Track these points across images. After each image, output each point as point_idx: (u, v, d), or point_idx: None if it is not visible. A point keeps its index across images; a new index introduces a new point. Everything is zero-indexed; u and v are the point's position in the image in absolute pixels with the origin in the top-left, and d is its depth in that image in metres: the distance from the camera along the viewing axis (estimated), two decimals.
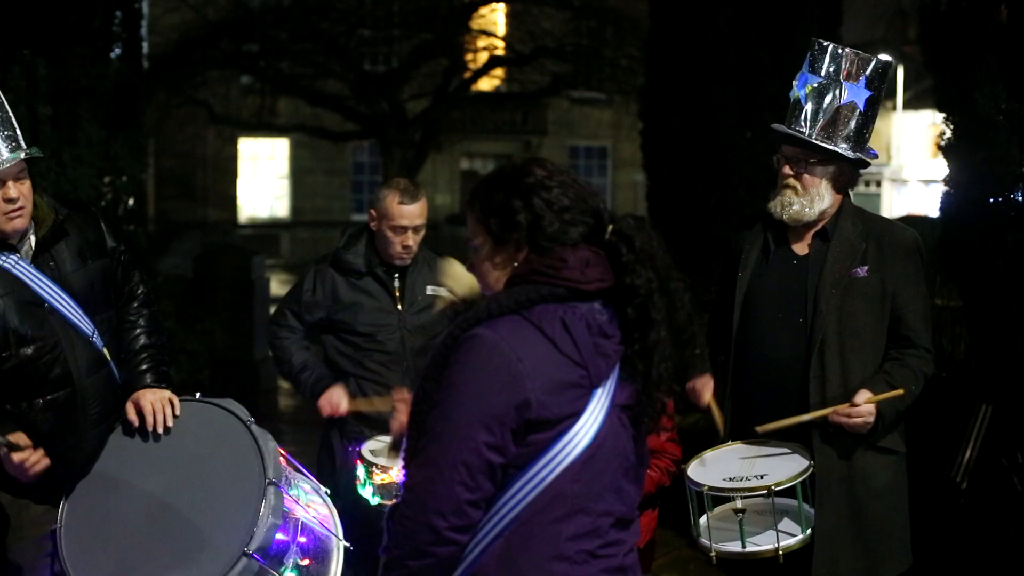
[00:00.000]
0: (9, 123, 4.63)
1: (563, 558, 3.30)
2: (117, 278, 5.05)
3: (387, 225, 6.09)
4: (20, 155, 4.61)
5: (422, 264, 6.27)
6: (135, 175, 12.63)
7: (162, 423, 4.80)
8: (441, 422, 3.23)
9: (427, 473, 3.22)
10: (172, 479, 4.67)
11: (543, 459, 3.26)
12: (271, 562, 4.35)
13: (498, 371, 3.21)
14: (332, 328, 6.22)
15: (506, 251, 3.41)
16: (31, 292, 4.73)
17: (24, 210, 4.68)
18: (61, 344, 4.75)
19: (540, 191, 3.37)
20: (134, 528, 4.61)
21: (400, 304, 6.19)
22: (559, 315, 3.28)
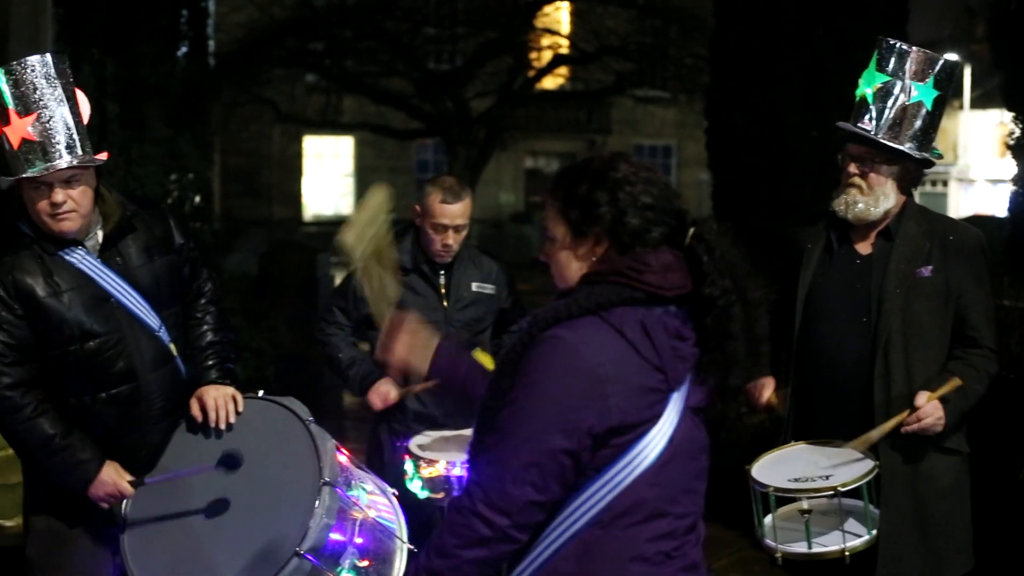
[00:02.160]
0: (68, 127, 4.63)
1: (642, 559, 3.28)
2: (185, 274, 5.08)
3: (429, 223, 6.10)
4: (71, 161, 4.62)
5: (467, 261, 6.28)
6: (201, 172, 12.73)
7: (224, 419, 4.82)
8: (517, 422, 3.20)
9: (497, 471, 3.20)
10: (232, 476, 4.69)
11: (620, 462, 3.23)
12: (325, 562, 4.34)
13: (579, 376, 3.18)
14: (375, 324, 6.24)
15: (585, 244, 3.37)
16: (97, 287, 4.76)
17: (73, 214, 4.69)
18: (126, 339, 4.78)
19: (625, 186, 3.33)
20: (192, 524, 4.63)
21: (445, 301, 6.20)
22: (638, 318, 3.26)
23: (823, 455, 5.19)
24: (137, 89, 12.33)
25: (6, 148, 4.61)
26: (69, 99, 4.66)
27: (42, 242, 4.73)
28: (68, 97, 4.65)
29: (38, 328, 4.69)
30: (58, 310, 4.69)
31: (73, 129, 4.65)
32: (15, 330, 4.66)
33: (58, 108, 4.62)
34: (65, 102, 4.64)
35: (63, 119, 4.62)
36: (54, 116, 4.60)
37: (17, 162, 4.59)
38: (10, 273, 4.67)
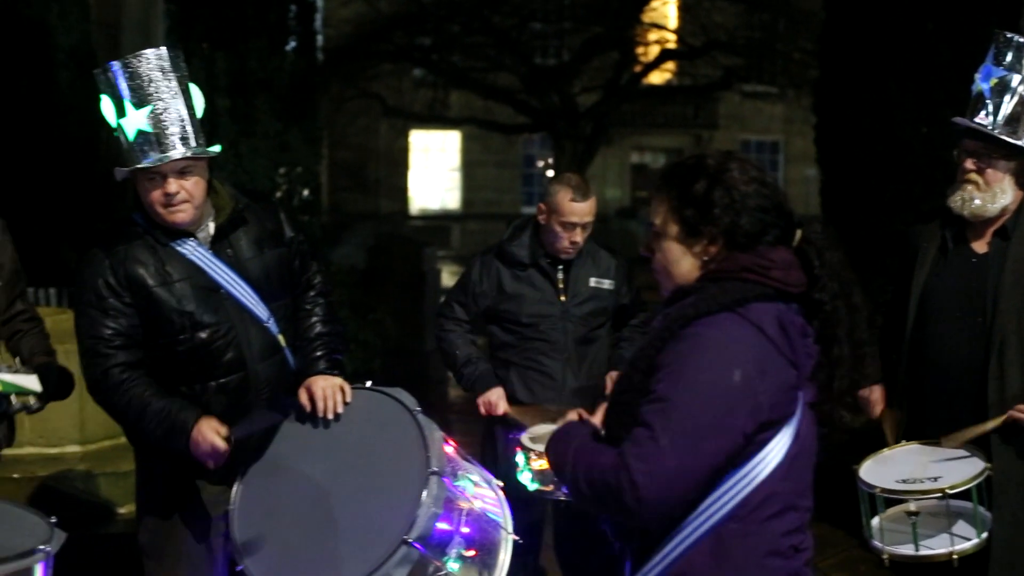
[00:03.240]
0: (182, 119, 4.69)
1: (778, 553, 3.28)
2: (295, 267, 5.12)
3: (556, 221, 6.11)
4: (184, 152, 4.68)
5: (586, 256, 6.29)
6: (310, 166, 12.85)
7: (332, 409, 4.84)
8: (671, 420, 3.18)
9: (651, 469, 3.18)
10: (339, 465, 4.72)
11: (756, 457, 3.22)
12: (432, 551, 4.35)
13: (730, 373, 3.16)
14: (496, 318, 6.29)
15: (699, 243, 3.36)
16: (208, 277, 4.81)
17: (186, 205, 4.74)
18: (236, 329, 4.83)
19: (740, 187, 3.31)
20: (301, 512, 4.67)
21: (563, 296, 6.22)
22: (774, 314, 3.24)
23: (932, 456, 5.12)
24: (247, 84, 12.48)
25: (123, 140, 4.67)
26: (184, 92, 4.71)
27: (155, 233, 4.80)
28: (183, 90, 4.71)
29: (149, 317, 4.75)
30: (169, 300, 4.75)
31: (187, 121, 4.70)
32: (123, 318, 4.73)
33: (173, 101, 4.68)
34: (180, 95, 4.70)
35: (177, 111, 4.68)
36: (168, 108, 4.66)
37: (132, 153, 4.65)
38: (123, 263, 4.74)
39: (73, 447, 9.17)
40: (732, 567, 3.26)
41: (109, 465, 9.00)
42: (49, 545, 3.87)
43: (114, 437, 8.48)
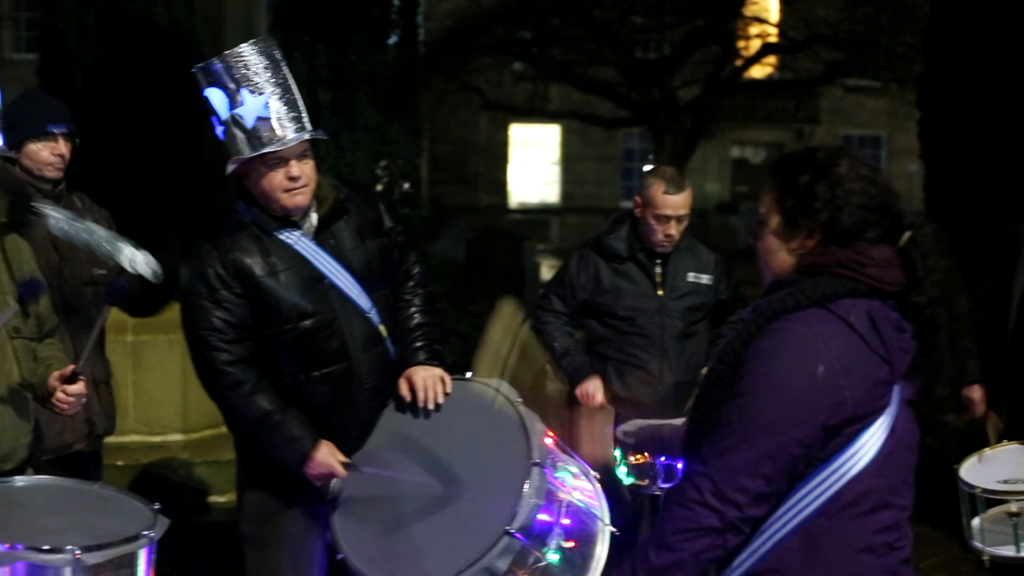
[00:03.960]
0: (295, 105, 4.76)
1: (870, 551, 3.25)
2: (394, 258, 5.15)
3: (651, 213, 6.12)
4: (304, 135, 4.74)
5: (684, 251, 6.29)
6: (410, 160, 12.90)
7: (433, 400, 4.87)
8: (750, 414, 3.18)
9: (729, 463, 3.18)
10: (440, 455, 4.73)
11: (847, 452, 3.20)
12: (533, 542, 4.35)
13: (813, 369, 3.15)
14: (594, 312, 6.30)
15: (797, 237, 3.34)
16: (312, 267, 4.85)
17: (306, 188, 4.81)
18: (339, 319, 4.86)
19: (846, 183, 3.28)
20: (401, 502, 4.69)
21: (660, 290, 6.21)
22: (865, 310, 3.22)
23: None
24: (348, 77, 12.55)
25: (236, 131, 4.73)
26: (290, 79, 4.78)
27: (259, 223, 4.85)
28: (289, 76, 4.78)
29: (256, 307, 4.79)
30: (275, 290, 4.79)
31: (301, 105, 4.77)
32: (235, 308, 4.78)
33: (286, 86, 4.75)
34: (290, 80, 4.77)
35: (292, 96, 4.75)
36: (284, 94, 4.73)
37: (252, 140, 4.70)
38: (229, 253, 4.79)
39: (176, 436, 9.29)
40: (822, 563, 3.24)
41: (211, 454, 9.11)
42: (153, 531, 3.92)
43: (216, 426, 8.57)
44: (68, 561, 3.67)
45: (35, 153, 5.52)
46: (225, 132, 4.75)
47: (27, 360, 4.57)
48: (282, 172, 4.74)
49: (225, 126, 4.73)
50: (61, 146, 5.62)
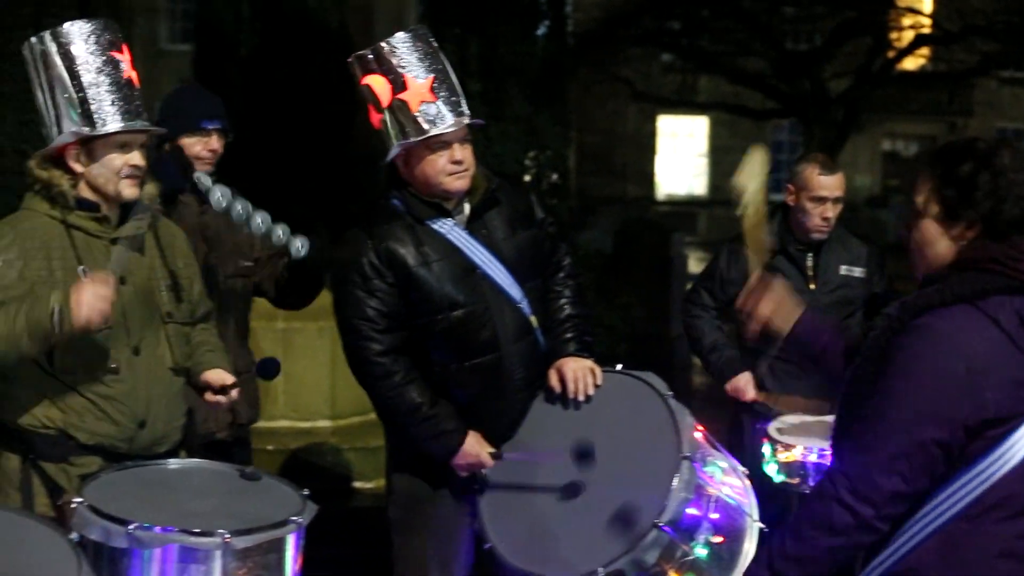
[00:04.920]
0: (454, 90, 4.78)
1: (1011, 555, 3.19)
2: (545, 249, 5.13)
3: (806, 197, 6.06)
4: (465, 120, 4.75)
5: (836, 243, 6.21)
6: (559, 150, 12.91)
7: (583, 391, 4.85)
8: (888, 412, 3.13)
9: (865, 460, 3.14)
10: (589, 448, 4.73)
11: (992, 455, 3.14)
12: (682, 536, 4.33)
13: (954, 367, 3.09)
14: None
15: (957, 227, 3.27)
16: (464, 257, 4.86)
17: (468, 172, 4.83)
18: (491, 309, 4.86)
19: (1008, 174, 3.22)
20: (549, 492, 4.69)
21: (812, 283, 6.14)
22: (1016, 308, 3.14)
23: None
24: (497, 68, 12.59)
25: (399, 118, 4.74)
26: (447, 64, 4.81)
27: (413, 212, 4.86)
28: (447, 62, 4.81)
29: (408, 297, 4.81)
30: (428, 280, 4.80)
31: (459, 91, 4.80)
32: (387, 298, 4.80)
33: (446, 72, 4.78)
34: (448, 66, 4.80)
35: (453, 81, 4.79)
36: (446, 78, 4.77)
37: (416, 125, 4.72)
38: (383, 242, 4.81)
39: (324, 422, 9.39)
40: (961, 567, 3.19)
41: (359, 440, 9.19)
42: (301, 516, 3.95)
43: (364, 413, 8.66)
44: (218, 545, 3.72)
45: (188, 147, 5.60)
46: (386, 119, 4.76)
47: (180, 345, 4.63)
48: (446, 155, 4.76)
49: (386, 113, 4.75)
50: (214, 141, 5.69)
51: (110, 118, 4.37)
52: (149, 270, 4.59)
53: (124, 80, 4.43)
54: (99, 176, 4.43)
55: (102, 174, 4.42)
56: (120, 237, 4.46)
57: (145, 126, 4.49)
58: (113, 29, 4.48)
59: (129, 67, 4.48)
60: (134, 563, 3.73)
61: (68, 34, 4.38)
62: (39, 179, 4.47)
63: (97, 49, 4.40)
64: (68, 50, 4.37)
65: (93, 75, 4.37)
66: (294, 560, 3.93)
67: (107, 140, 4.40)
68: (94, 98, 4.36)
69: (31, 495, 4.39)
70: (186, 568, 3.74)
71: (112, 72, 4.41)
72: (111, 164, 4.42)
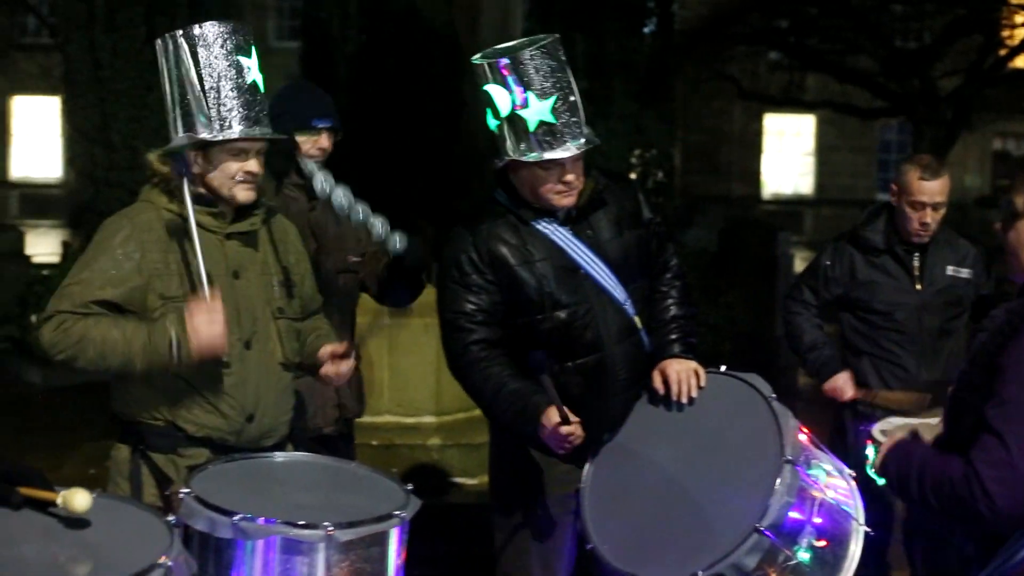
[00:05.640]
0: (575, 110, 4.74)
1: None
2: (651, 249, 5.12)
3: (906, 200, 6.02)
4: (583, 142, 4.74)
5: (942, 244, 6.15)
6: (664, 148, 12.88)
7: (686, 393, 4.84)
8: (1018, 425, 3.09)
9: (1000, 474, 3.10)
10: (691, 449, 4.72)
11: None
12: (783, 540, 4.31)
13: None
14: (848, 305, 6.21)
15: None
16: (568, 258, 4.87)
17: (576, 190, 4.83)
18: (594, 310, 4.86)
19: None
20: (651, 494, 4.69)
21: (919, 284, 6.07)
22: None
23: None
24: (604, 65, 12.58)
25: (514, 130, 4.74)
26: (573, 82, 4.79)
27: (517, 212, 4.88)
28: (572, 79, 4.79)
29: (509, 296, 4.83)
30: (530, 279, 4.82)
31: (581, 110, 4.77)
32: (484, 295, 4.83)
33: (571, 91, 4.75)
34: (573, 84, 4.78)
35: (576, 101, 4.76)
36: (568, 99, 4.73)
37: (532, 144, 4.71)
38: (486, 241, 4.84)
39: (429, 418, 9.42)
40: None
41: (463, 437, 9.22)
42: (405, 511, 3.98)
43: (468, 410, 8.68)
44: (321, 537, 3.76)
45: (298, 145, 5.65)
46: (501, 128, 4.77)
47: (290, 340, 4.68)
48: (556, 175, 4.77)
49: (504, 122, 4.75)
50: (324, 140, 5.73)
51: (230, 124, 4.40)
52: (262, 265, 4.64)
53: (248, 85, 4.46)
54: (214, 179, 4.48)
55: (217, 178, 4.47)
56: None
57: (265, 134, 4.51)
58: (244, 32, 4.50)
59: (255, 72, 4.51)
60: (238, 554, 3.80)
61: (199, 35, 4.40)
62: (158, 173, 4.53)
63: (225, 52, 4.42)
64: (197, 51, 4.39)
65: (218, 79, 4.39)
66: (397, 554, 3.97)
67: (225, 145, 4.44)
68: (217, 102, 4.39)
69: (140, 485, 4.46)
70: (289, 560, 3.79)
71: (237, 77, 4.43)
72: (227, 169, 4.46)
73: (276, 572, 3.80)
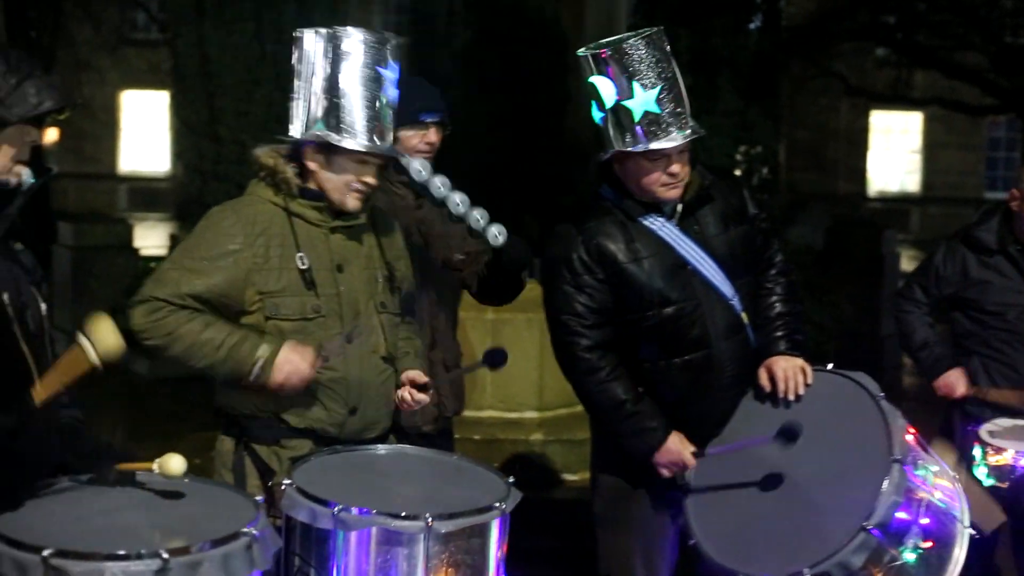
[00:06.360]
0: (680, 100, 4.74)
1: None
2: (757, 245, 5.10)
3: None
4: (688, 132, 4.73)
5: None
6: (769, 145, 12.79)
7: (793, 391, 4.81)
8: None
9: None
10: (797, 447, 4.67)
11: None
12: (890, 540, 4.28)
13: None
14: (960, 305, 6.14)
15: None
16: (675, 254, 4.85)
17: (683, 182, 4.82)
18: (701, 306, 4.85)
19: None
20: (755, 492, 4.67)
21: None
22: None
23: None
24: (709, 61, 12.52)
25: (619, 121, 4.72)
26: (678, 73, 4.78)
27: (624, 208, 4.87)
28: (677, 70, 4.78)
29: (618, 293, 4.83)
30: (638, 276, 4.81)
31: (686, 101, 4.77)
32: (596, 294, 4.82)
33: (676, 81, 4.75)
34: (678, 75, 4.77)
35: (681, 92, 4.76)
36: (674, 89, 4.73)
37: (638, 134, 4.70)
38: (594, 238, 4.84)
39: (531, 413, 9.44)
40: None
41: (565, 432, 9.22)
42: (505, 503, 3.97)
43: (570, 405, 8.67)
44: (421, 528, 3.76)
45: (406, 139, 5.65)
46: (608, 119, 4.75)
47: (392, 334, 4.69)
48: (662, 166, 4.76)
49: (608, 114, 4.74)
50: (432, 135, 5.70)
51: (357, 134, 4.41)
52: (366, 259, 4.65)
53: (382, 98, 4.47)
54: (328, 182, 4.48)
55: (332, 181, 4.48)
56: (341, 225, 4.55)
57: (388, 151, 4.53)
58: (387, 43, 4.49)
59: (392, 86, 4.51)
60: (339, 544, 3.82)
61: (343, 39, 4.41)
62: (264, 166, 4.55)
63: (367, 61, 4.42)
64: (339, 55, 4.40)
65: (355, 86, 4.40)
66: (498, 547, 3.96)
67: (349, 153, 4.44)
68: (348, 109, 4.40)
69: (243, 476, 4.50)
70: (390, 551, 3.80)
71: (373, 88, 4.44)
72: (344, 176, 4.47)
73: (376, 563, 3.81)
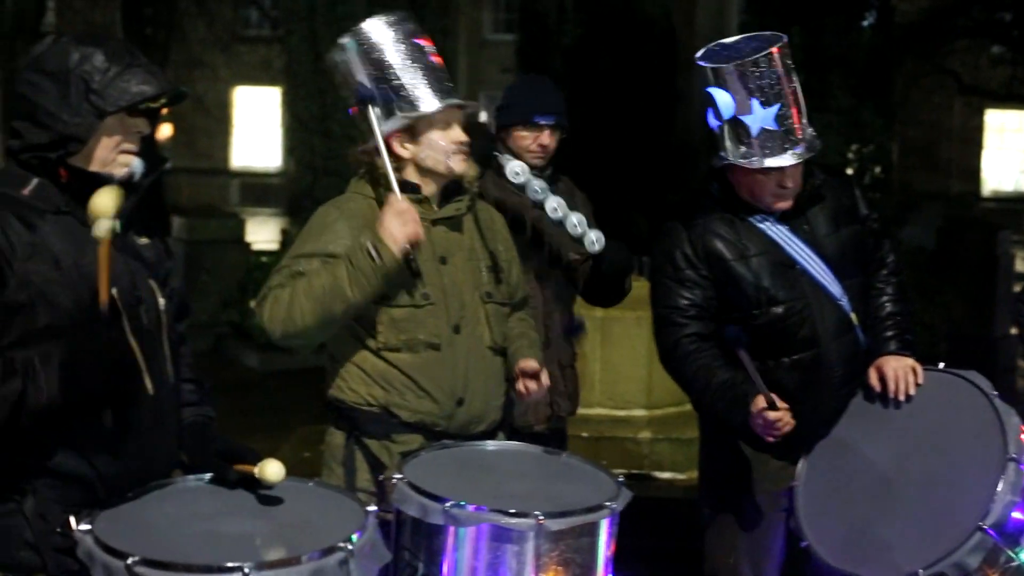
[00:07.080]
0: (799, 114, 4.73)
1: None
2: (868, 245, 5.06)
3: None
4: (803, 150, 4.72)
5: None
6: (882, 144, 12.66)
7: (904, 391, 4.77)
8: None
9: None
10: (909, 447, 4.65)
11: None
12: (1006, 540, 4.25)
13: None
14: None
15: None
16: (784, 253, 4.84)
17: (791, 192, 4.81)
18: (810, 306, 4.82)
19: None
20: (868, 492, 4.64)
21: None
22: None
23: None
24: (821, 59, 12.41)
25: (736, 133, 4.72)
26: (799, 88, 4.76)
27: (732, 206, 4.85)
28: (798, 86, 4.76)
29: (725, 291, 4.82)
30: (745, 274, 4.80)
31: (804, 117, 4.76)
32: (698, 289, 4.82)
33: (796, 97, 4.74)
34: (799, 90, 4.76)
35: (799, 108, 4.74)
36: (794, 104, 4.72)
37: (754, 150, 4.69)
38: (701, 235, 4.84)
39: (639, 411, 9.44)
40: None
41: (673, 431, 9.21)
42: (615, 503, 3.97)
43: (679, 404, 8.66)
44: (531, 526, 3.75)
45: (519, 139, 5.66)
46: (722, 129, 4.75)
47: (499, 325, 4.69)
48: (775, 179, 4.76)
49: (725, 124, 4.73)
50: (545, 137, 5.69)
51: (428, 99, 4.49)
52: (469, 251, 4.67)
53: (433, 63, 4.56)
54: (427, 158, 4.54)
55: (430, 155, 4.53)
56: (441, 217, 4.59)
57: (461, 102, 4.59)
58: (410, 19, 4.61)
59: (433, 51, 4.60)
60: (449, 540, 3.82)
61: (367, 30, 4.51)
62: (362, 163, 4.62)
63: (401, 38, 4.51)
64: (373, 44, 4.50)
65: (404, 62, 4.49)
66: (607, 545, 3.95)
67: (429, 121, 4.50)
68: (410, 83, 4.48)
69: (354, 470, 4.53)
70: (500, 547, 3.80)
71: (420, 57, 4.52)
72: (437, 144, 4.53)
73: (486, 560, 3.81)
